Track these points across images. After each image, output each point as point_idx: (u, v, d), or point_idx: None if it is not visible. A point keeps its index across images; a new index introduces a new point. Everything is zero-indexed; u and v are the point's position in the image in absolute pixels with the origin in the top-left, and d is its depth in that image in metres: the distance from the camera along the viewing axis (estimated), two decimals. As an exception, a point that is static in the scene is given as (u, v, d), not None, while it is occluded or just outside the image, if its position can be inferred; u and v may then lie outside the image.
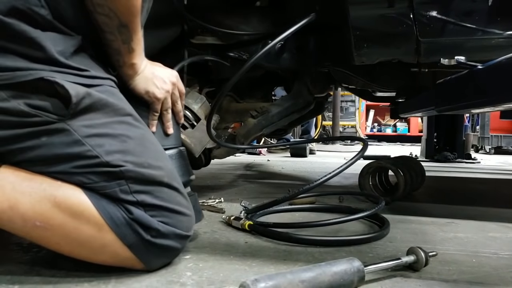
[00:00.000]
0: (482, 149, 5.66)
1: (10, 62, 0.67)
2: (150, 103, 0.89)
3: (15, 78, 0.67)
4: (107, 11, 0.75)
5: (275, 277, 0.65)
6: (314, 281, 0.66)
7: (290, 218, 1.29)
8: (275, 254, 0.92)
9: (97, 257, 0.75)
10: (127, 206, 0.73)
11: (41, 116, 0.68)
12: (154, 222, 0.74)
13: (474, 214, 1.40)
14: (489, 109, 1.62)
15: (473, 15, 1.16)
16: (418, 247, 0.82)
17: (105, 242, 0.73)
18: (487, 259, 0.92)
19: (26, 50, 0.68)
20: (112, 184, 0.72)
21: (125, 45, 0.81)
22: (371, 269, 0.75)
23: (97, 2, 0.74)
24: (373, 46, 1.29)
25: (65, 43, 0.72)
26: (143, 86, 0.86)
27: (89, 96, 0.71)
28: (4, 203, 0.69)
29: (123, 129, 0.75)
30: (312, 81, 1.73)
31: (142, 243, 0.74)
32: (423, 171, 1.82)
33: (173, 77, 0.92)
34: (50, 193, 0.71)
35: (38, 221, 0.70)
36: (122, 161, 0.73)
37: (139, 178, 0.74)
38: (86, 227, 0.72)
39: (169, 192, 0.78)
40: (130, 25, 0.78)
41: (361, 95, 2.36)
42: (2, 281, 0.73)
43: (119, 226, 0.72)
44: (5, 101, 0.67)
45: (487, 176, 2.82)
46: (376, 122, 9.34)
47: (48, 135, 0.69)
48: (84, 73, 0.73)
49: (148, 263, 0.77)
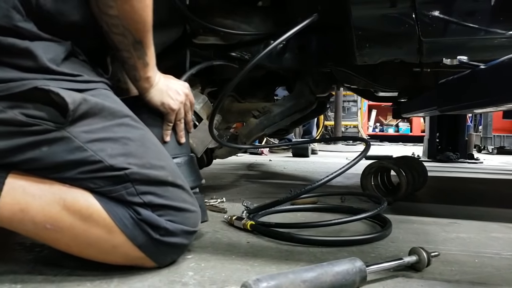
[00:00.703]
0: (485, 149, 5.65)
1: (2, 74, 0.67)
2: (165, 114, 0.92)
3: (9, 90, 0.67)
4: (122, 30, 0.78)
5: (277, 277, 0.65)
6: (316, 281, 0.67)
7: (292, 218, 1.29)
8: (277, 254, 0.92)
9: (107, 257, 0.77)
10: (135, 207, 0.74)
11: (40, 125, 0.69)
12: (162, 221, 0.75)
13: (476, 214, 1.40)
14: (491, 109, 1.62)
15: (475, 14, 1.16)
16: (420, 247, 0.81)
17: (116, 243, 0.74)
18: (489, 260, 0.92)
19: (18, 61, 0.68)
20: (118, 188, 0.73)
21: (140, 60, 0.83)
22: (373, 269, 0.75)
23: (112, 23, 0.77)
24: (375, 46, 1.29)
25: (55, 50, 0.73)
26: (159, 98, 0.90)
27: (86, 102, 0.72)
28: (15, 206, 0.70)
29: (123, 132, 0.76)
30: (314, 81, 1.73)
31: (151, 243, 0.75)
32: (425, 171, 1.81)
33: (185, 89, 0.96)
34: (59, 196, 0.72)
35: (48, 224, 0.71)
36: (126, 163, 0.74)
37: (144, 180, 0.75)
38: (95, 229, 0.73)
39: (174, 191, 0.79)
40: (144, 40, 0.81)
41: (363, 95, 2.35)
42: (5, 280, 0.73)
43: (128, 228, 0.74)
44: (1, 112, 0.67)
45: (489, 176, 2.82)
46: (378, 122, 9.33)
47: (49, 144, 0.70)
48: (77, 78, 0.73)
49: (158, 261, 0.79)
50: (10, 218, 0.70)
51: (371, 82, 1.67)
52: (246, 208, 1.24)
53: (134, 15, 0.76)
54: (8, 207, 0.69)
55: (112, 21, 0.76)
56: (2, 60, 0.68)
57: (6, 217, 0.70)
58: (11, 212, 0.70)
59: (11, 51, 0.68)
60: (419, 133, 8.14)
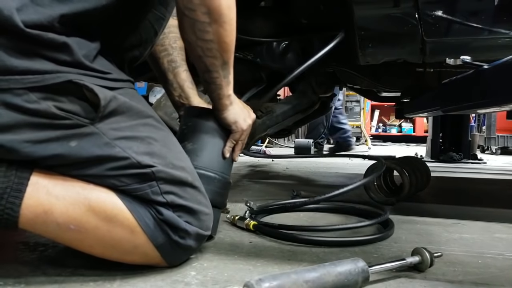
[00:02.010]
0: (488, 149, 5.62)
1: (39, 65, 0.68)
2: (234, 132, 0.94)
3: (44, 81, 0.67)
4: (215, 53, 0.82)
5: (280, 277, 0.65)
6: (319, 281, 0.66)
7: (295, 219, 1.29)
8: (280, 254, 0.92)
9: (127, 257, 0.77)
10: (157, 207, 0.75)
11: (72, 119, 0.69)
12: (182, 223, 0.76)
13: (479, 215, 1.39)
14: (495, 109, 1.61)
15: (479, 14, 1.16)
16: (423, 248, 0.81)
17: (137, 243, 0.75)
18: (492, 260, 0.91)
19: (54, 54, 0.69)
20: (144, 186, 0.74)
21: (225, 79, 0.87)
22: (376, 269, 0.75)
23: (207, 47, 0.80)
24: (378, 46, 1.29)
25: (88, 47, 0.73)
26: (234, 117, 0.93)
27: (115, 100, 0.73)
28: (39, 207, 0.69)
29: (147, 132, 0.77)
30: (317, 81, 1.73)
31: (169, 244, 0.76)
32: (429, 171, 1.81)
33: (253, 115, 1.00)
34: (84, 196, 0.72)
35: (72, 225, 0.71)
36: (152, 161, 0.75)
37: (169, 179, 0.76)
38: (119, 229, 0.73)
39: (192, 192, 0.80)
40: (230, 60, 0.85)
41: (366, 95, 2.35)
42: (9, 280, 0.74)
43: (150, 228, 0.74)
44: (35, 103, 0.67)
45: (493, 176, 2.80)
46: (381, 122, 9.31)
47: (79, 138, 0.70)
48: (107, 76, 0.74)
49: (170, 261, 0.80)
50: (33, 220, 0.70)
51: (374, 82, 1.67)
52: (248, 208, 1.24)
53: (226, 38, 0.81)
54: (32, 209, 0.69)
55: (208, 45, 0.80)
56: (41, 53, 0.68)
57: (29, 219, 0.69)
58: (34, 214, 0.69)
59: (50, 45, 0.68)
60: (422, 133, 8.11)
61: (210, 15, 0.76)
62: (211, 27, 0.78)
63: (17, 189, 0.68)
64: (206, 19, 0.77)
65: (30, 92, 0.66)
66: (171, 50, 1.07)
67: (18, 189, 0.68)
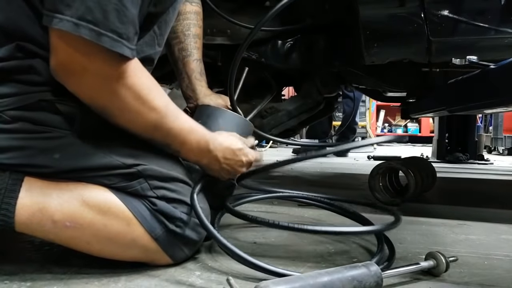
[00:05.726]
0: (495, 150, 5.57)
1: (9, 89, 0.70)
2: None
3: (16, 103, 0.70)
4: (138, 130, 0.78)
5: (290, 281, 0.64)
6: (331, 285, 0.65)
7: (298, 216, 1.28)
8: (284, 255, 0.92)
9: (127, 253, 0.78)
10: (151, 199, 0.77)
11: (51, 132, 0.71)
12: (177, 212, 0.78)
13: (486, 216, 1.38)
14: (502, 109, 1.60)
15: (485, 14, 1.15)
16: (438, 252, 0.79)
17: (134, 236, 0.76)
18: (499, 262, 0.90)
19: (24, 77, 0.71)
20: (133, 183, 0.76)
21: (173, 138, 0.81)
22: (389, 273, 0.74)
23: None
24: (384, 46, 1.28)
25: None
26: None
27: (92, 112, 0.73)
28: (34, 206, 0.71)
29: (129, 135, 0.78)
30: (322, 81, 1.73)
31: (167, 234, 0.77)
32: (434, 172, 1.80)
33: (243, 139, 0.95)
34: (77, 192, 0.73)
35: (68, 222, 0.72)
36: (136, 162, 0.76)
37: (157, 175, 0.78)
38: (115, 222, 0.74)
39: (184, 187, 0.81)
40: (161, 121, 0.78)
41: (372, 95, 2.34)
42: (15, 278, 0.74)
43: (146, 219, 0.76)
44: (10, 123, 0.69)
45: (500, 177, 2.78)
46: (386, 122, 9.26)
47: (60, 151, 0.72)
48: None
49: (173, 256, 0.80)
50: (29, 219, 0.70)
51: (379, 82, 1.66)
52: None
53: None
54: (27, 208, 0.70)
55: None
56: (11, 77, 0.70)
57: (25, 219, 0.70)
58: (29, 212, 0.70)
59: (17, 71, 0.70)
60: (428, 133, 8.06)
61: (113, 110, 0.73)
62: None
63: (11, 190, 0.70)
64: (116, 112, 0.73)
65: (4, 114, 0.69)
66: (183, 37, 1.06)
67: (13, 189, 0.70)
